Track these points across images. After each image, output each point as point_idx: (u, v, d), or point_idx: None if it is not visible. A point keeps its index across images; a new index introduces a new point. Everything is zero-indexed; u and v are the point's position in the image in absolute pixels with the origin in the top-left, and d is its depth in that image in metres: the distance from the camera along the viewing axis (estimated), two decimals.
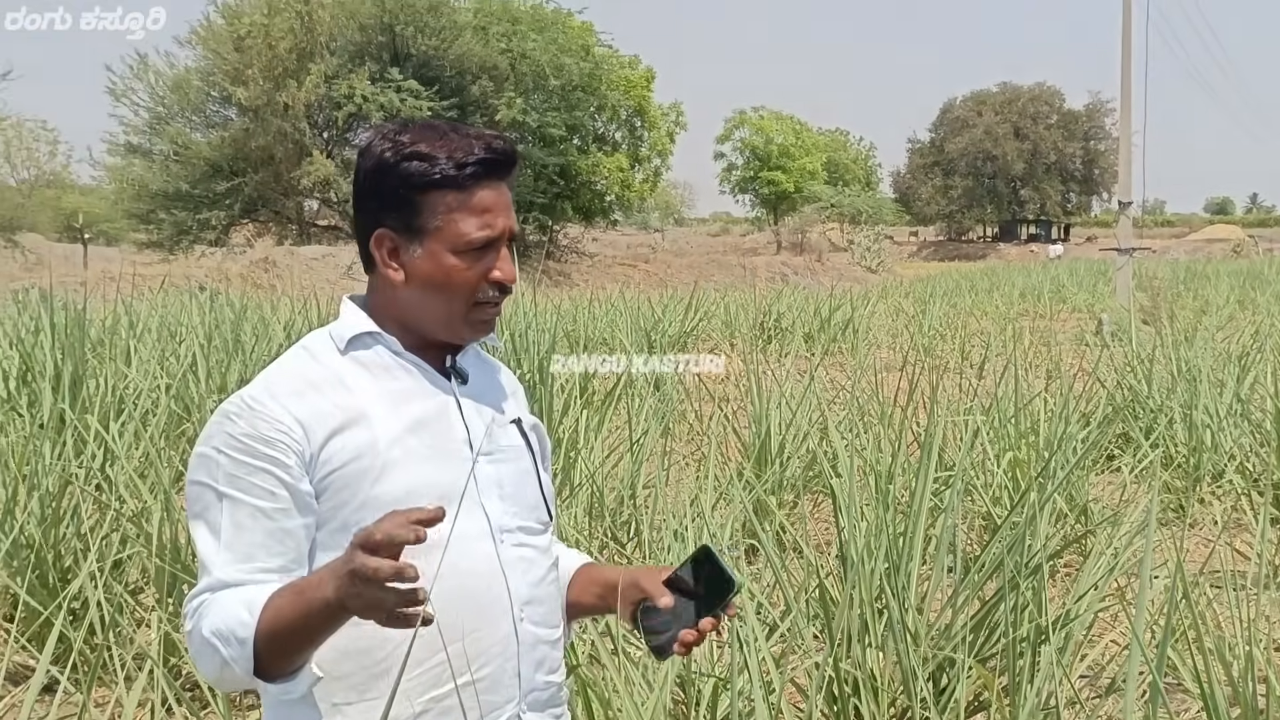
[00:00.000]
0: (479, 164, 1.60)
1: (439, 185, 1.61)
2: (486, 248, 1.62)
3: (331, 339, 1.68)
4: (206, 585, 1.52)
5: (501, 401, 1.78)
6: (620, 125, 46.12)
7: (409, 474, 1.59)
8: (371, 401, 1.62)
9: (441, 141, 1.61)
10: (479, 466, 1.66)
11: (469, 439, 1.68)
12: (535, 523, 1.74)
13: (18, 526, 3.75)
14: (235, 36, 32.98)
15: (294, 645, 1.46)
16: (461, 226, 1.61)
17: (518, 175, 1.72)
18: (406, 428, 1.62)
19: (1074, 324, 17.55)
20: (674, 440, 7.03)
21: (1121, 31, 21.05)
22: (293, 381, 1.61)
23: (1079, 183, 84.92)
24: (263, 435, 1.54)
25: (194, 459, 1.59)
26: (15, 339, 7.31)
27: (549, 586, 1.74)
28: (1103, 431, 6.42)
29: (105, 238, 50.01)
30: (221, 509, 1.54)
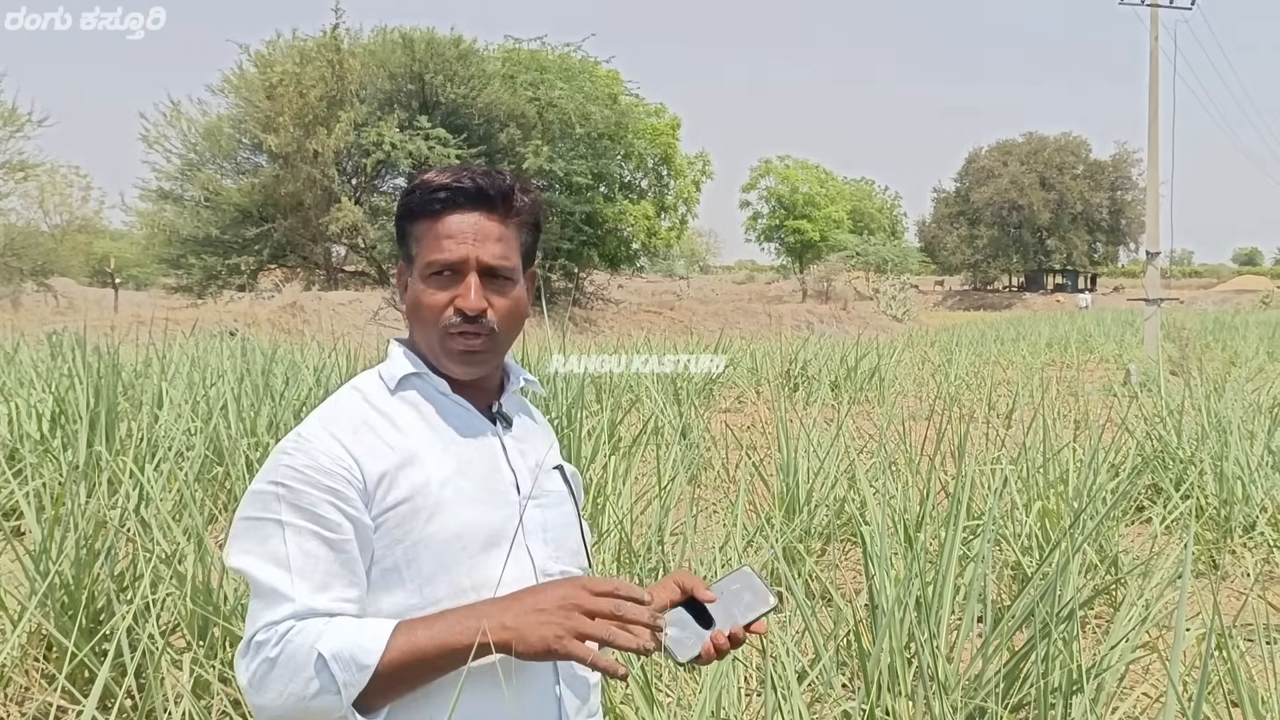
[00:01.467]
0: (448, 191, 1.65)
1: (416, 214, 1.68)
2: (451, 274, 1.65)
3: (382, 380, 1.72)
4: (291, 613, 1.50)
5: (544, 447, 1.81)
6: (647, 173, 46.36)
7: (460, 515, 1.61)
8: (423, 442, 1.65)
9: (440, 176, 1.67)
10: (525, 511, 1.69)
11: (516, 483, 1.71)
12: (575, 568, 1.76)
13: (53, 568, 3.78)
14: (267, 84, 33.41)
15: (418, 678, 1.49)
16: (426, 252, 1.66)
17: (527, 213, 1.73)
18: (457, 469, 1.65)
19: (1101, 374, 17.47)
20: (701, 488, 7.03)
21: (1149, 82, 21.10)
22: (348, 420, 1.64)
23: (1105, 232, 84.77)
24: (322, 467, 1.56)
25: (249, 496, 1.60)
26: (49, 381, 7.39)
27: None
28: (1132, 482, 6.39)
29: (135, 282, 50.52)
30: (285, 539, 1.54)
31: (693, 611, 1.71)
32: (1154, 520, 6.04)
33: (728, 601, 1.70)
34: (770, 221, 77.48)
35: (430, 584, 1.58)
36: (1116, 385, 14.70)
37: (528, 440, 1.78)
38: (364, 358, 11.05)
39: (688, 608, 1.73)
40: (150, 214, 36.19)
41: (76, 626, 3.81)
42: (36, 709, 3.60)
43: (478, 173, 1.67)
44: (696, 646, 1.69)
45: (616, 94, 42.25)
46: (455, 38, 36.52)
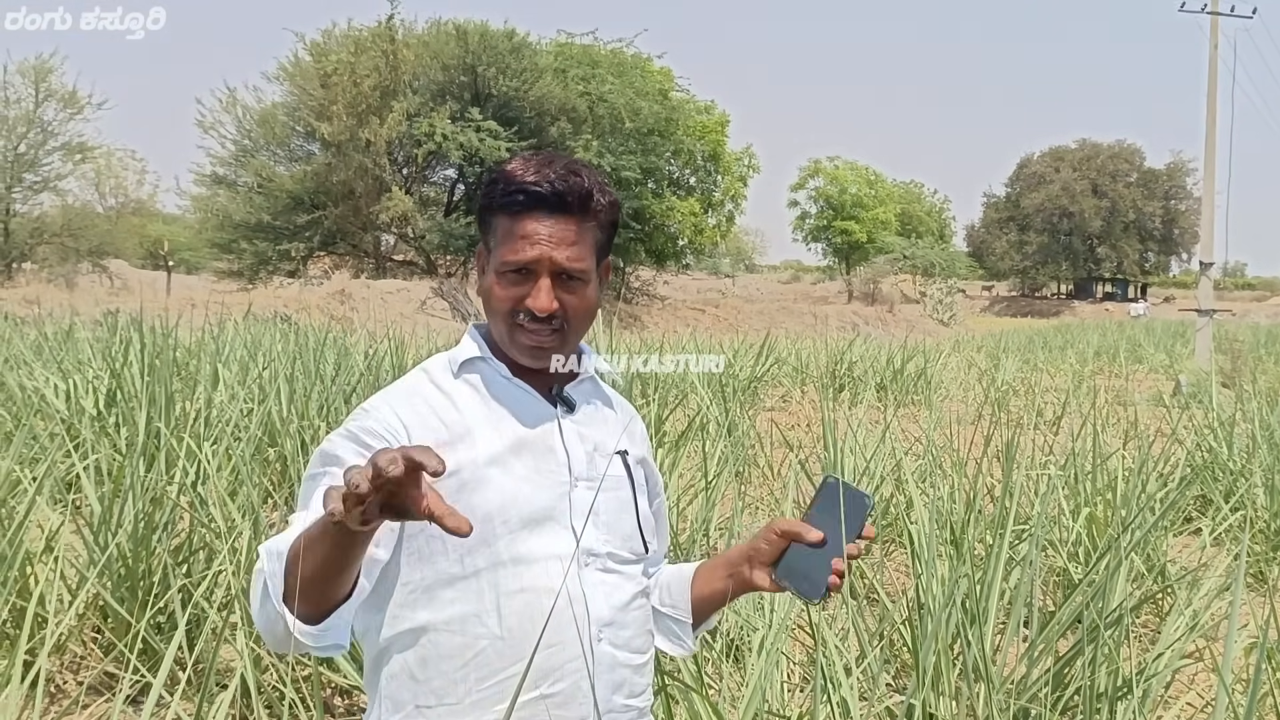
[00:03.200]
0: (525, 195, 1.67)
1: (498, 209, 1.72)
2: (524, 273, 1.68)
3: (448, 363, 1.77)
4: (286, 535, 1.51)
5: (608, 433, 1.83)
6: (695, 170, 46.36)
7: (503, 490, 1.65)
8: (477, 421, 1.70)
9: (523, 169, 1.70)
10: (576, 492, 1.72)
11: (569, 463, 1.74)
12: (627, 552, 1.78)
13: (113, 540, 3.86)
14: (322, 73, 33.70)
15: (311, 561, 1.40)
16: (503, 249, 1.70)
17: (604, 215, 1.76)
18: (508, 447, 1.69)
19: (1150, 384, 17.30)
20: (746, 484, 7.04)
21: (1207, 91, 20.86)
22: (407, 395, 1.71)
23: (1157, 242, 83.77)
24: (370, 429, 1.63)
25: (310, 460, 1.68)
26: (106, 360, 7.52)
27: (634, 612, 1.77)
28: (1182, 492, 6.33)
29: (187, 265, 51.17)
30: (315, 487, 1.58)
31: (800, 558, 1.74)
32: (1203, 531, 5.99)
33: (831, 525, 1.72)
34: (818, 222, 77.19)
35: (470, 555, 1.63)
36: (1166, 396, 14.56)
37: (591, 424, 1.81)
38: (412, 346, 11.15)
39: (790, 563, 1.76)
40: (204, 199, 36.65)
41: (135, 598, 3.90)
42: (94, 678, 3.68)
43: (558, 174, 1.69)
44: (822, 583, 1.72)
45: (667, 90, 42.28)
46: (508, 31, 36.68)
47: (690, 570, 1.92)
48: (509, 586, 1.63)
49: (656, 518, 1.92)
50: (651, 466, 1.92)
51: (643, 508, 1.83)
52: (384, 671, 1.66)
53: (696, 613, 1.90)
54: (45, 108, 33.87)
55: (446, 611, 1.62)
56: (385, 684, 1.66)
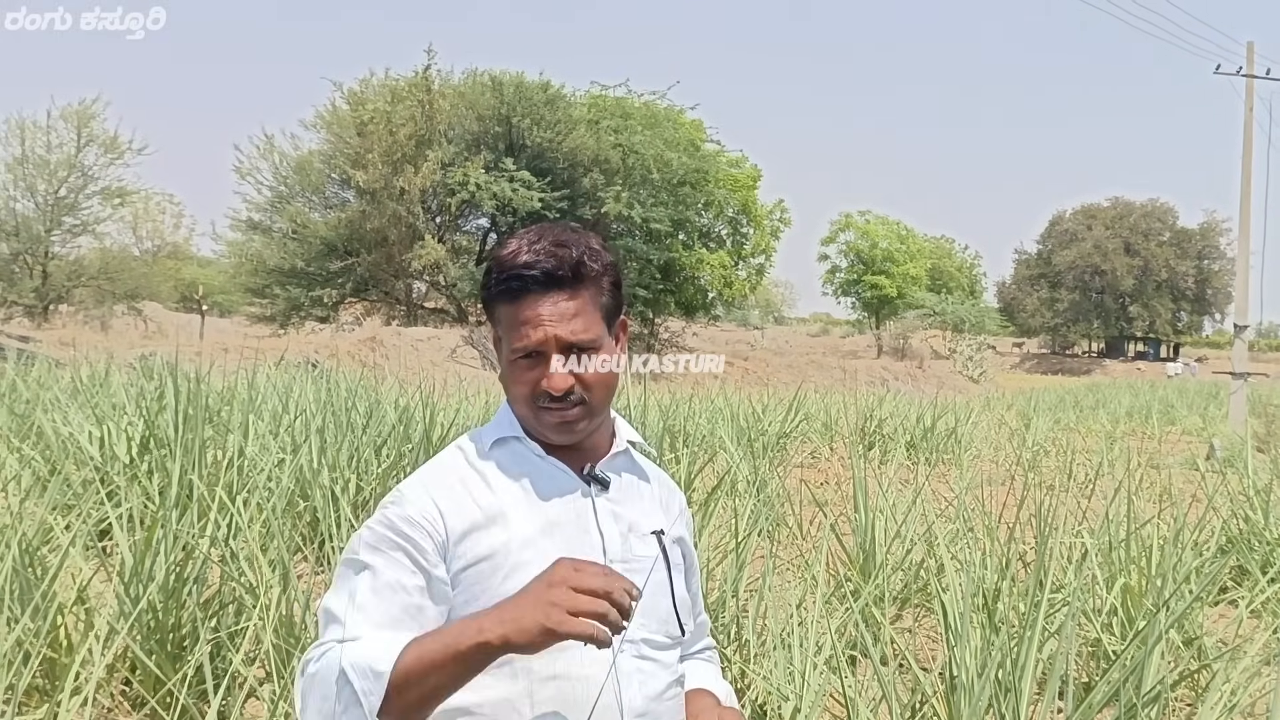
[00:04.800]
0: (516, 279, 1.69)
1: (496, 299, 1.74)
2: (535, 356, 1.70)
3: (482, 440, 1.77)
4: (335, 636, 1.57)
5: (645, 513, 1.82)
6: (725, 222, 46.51)
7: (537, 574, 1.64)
8: (511, 502, 1.69)
9: (514, 252, 1.72)
10: None
11: (603, 545, 1.72)
12: (663, 636, 1.76)
13: (144, 592, 3.86)
14: (358, 122, 34.12)
15: (433, 685, 1.50)
16: (509, 335, 1.72)
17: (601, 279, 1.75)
18: (540, 530, 1.68)
19: (1183, 447, 17.11)
20: (776, 544, 6.99)
21: (1242, 152, 20.81)
22: (444, 476, 1.71)
23: (1190, 302, 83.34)
24: (407, 517, 1.65)
25: (351, 539, 1.70)
26: (139, 406, 7.56)
27: (668, 702, 1.75)
28: (1219, 562, 6.24)
29: (219, 309, 51.65)
30: (360, 579, 1.62)
31: None
32: (1240, 603, 5.90)
33: None
34: (848, 276, 77.15)
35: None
36: (1200, 460, 14.40)
37: (626, 503, 1.79)
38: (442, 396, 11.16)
39: None
40: (239, 243, 37.06)
41: (163, 650, 3.89)
42: None
43: (546, 251, 1.69)
44: None
45: (698, 142, 42.51)
46: (543, 83, 37.05)
47: (688, 687, 1.88)
48: (542, 673, 1.62)
49: (693, 598, 1.90)
50: (689, 545, 1.91)
51: (679, 589, 1.81)
52: None
53: None
54: (86, 153, 34.36)
55: (482, 694, 1.62)
56: None
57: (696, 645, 1.95)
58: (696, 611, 1.92)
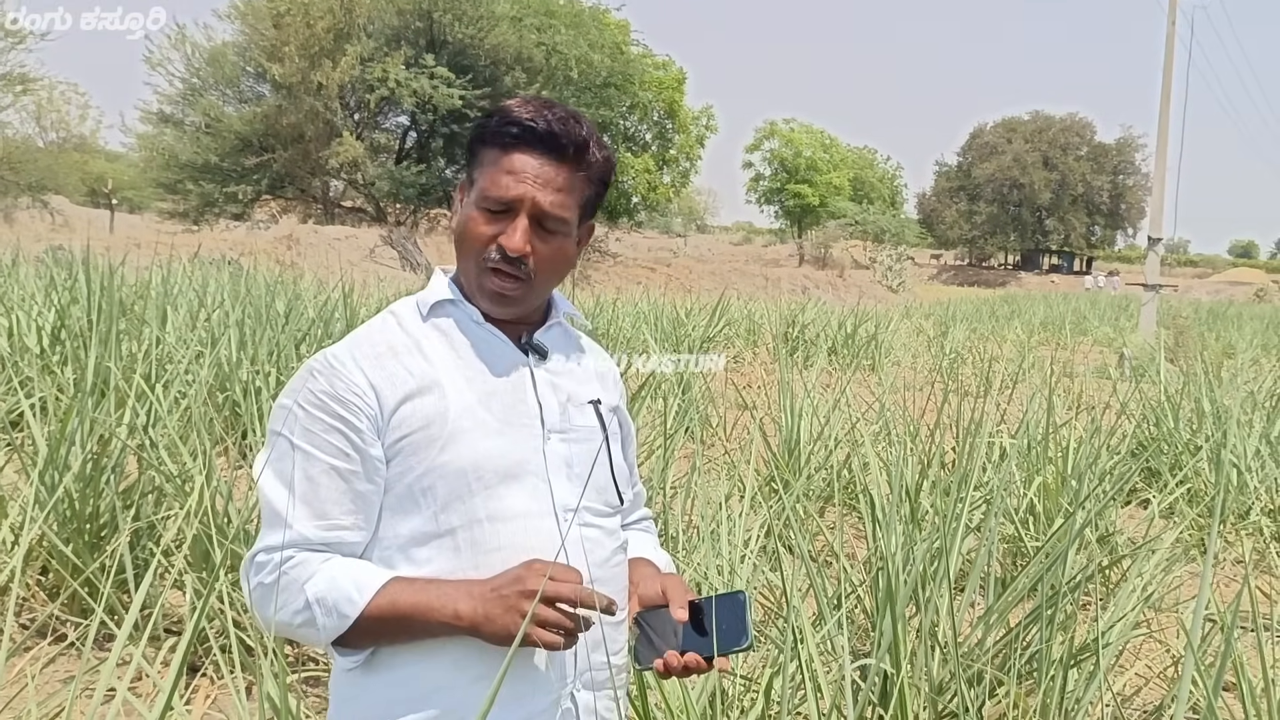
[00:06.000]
0: (520, 128, 1.62)
1: (486, 141, 1.66)
2: (505, 211, 1.63)
3: (417, 306, 1.71)
4: (289, 540, 1.56)
5: (581, 382, 1.78)
6: (650, 126, 46.14)
7: (476, 445, 1.61)
8: (447, 370, 1.64)
9: (520, 107, 1.65)
10: (549, 444, 1.68)
11: (541, 415, 1.69)
12: (603, 504, 1.74)
13: (60, 483, 3.77)
14: (275, 13, 33.06)
15: (395, 636, 1.57)
16: (485, 182, 1.64)
17: (597, 169, 1.70)
18: (478, 399, 1.64)
19: (1096, 356, 17.51)
20: (702, 444, 7.04)
21: (1163, 67, 21.02)
22: (374, 346, 1.65)
23: (1104, 216, 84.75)
24: (338, 395, 1.59)
25: (275, 408, 1.66)
26: (50, 297, 7.34)
27: (613, 569, 1.74)
28: (1130, 464, 6.41)
29: (129, 204, 50.26)
30: (294, 461, 1.59)
31: (673, 621, 1.71)
32: (1152, 503, 6.07)
33: (705, 624, 1.69)
34: (771, 184, 77.14)
35: (445, 512, 1.60)
36: (1111, 368, 14.74)
37: (563, 374, 1.76)
38: (362, 295, 11.02)
39: (655, 616, 1.73)
40: (149, 137, 35.89)
41: (81, 540, 3.81)
42: (38, 624, 3.59)
43: (556, 117, 1.63)
44: (652, 658, 1.70)
45: (623, 44, 41.94)
46: None
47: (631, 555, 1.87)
48: (487, 544, 1.60)
49: (630, 468, 1.89)
50: (625, 414, 1.88)
51: (616, 459, 1.79)
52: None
53: None
54: None
55: (423, 569, 1.59)
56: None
57: (633, 515, 1.94)
58: (633, 482, 1.90)
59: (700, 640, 1.67)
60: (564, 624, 1.48)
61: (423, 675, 1.58)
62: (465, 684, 1.57)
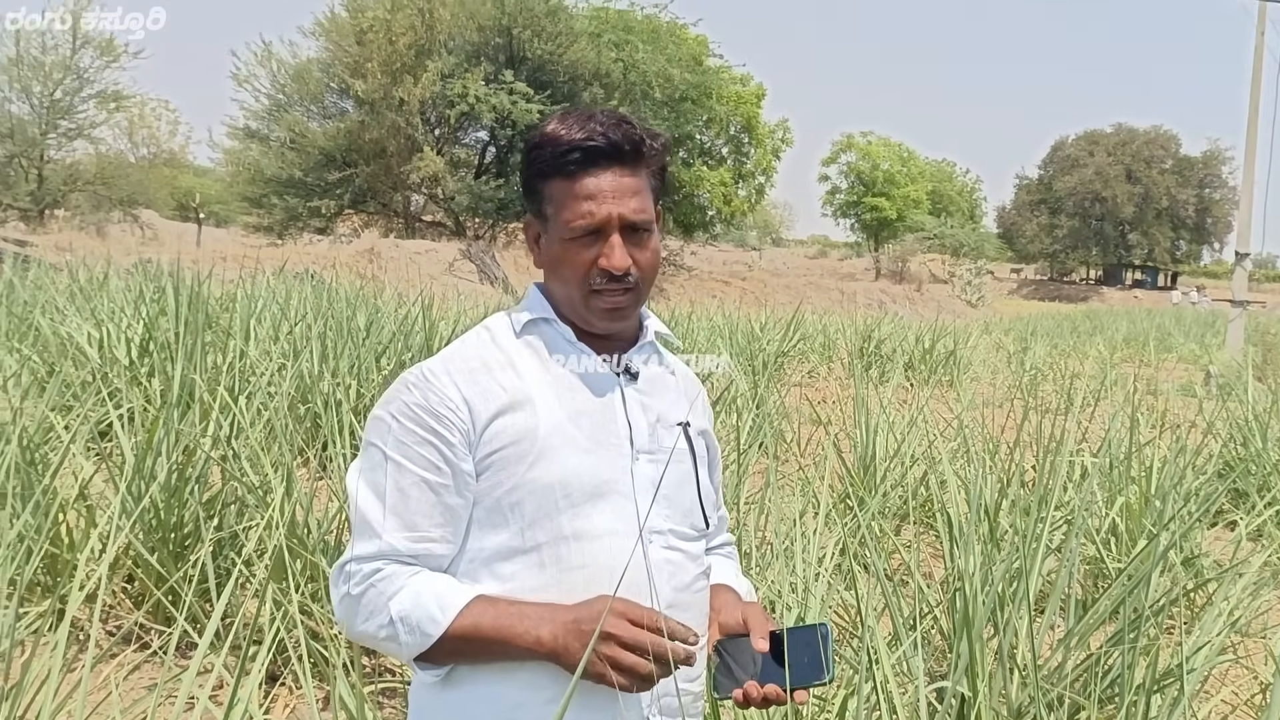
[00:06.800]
0: (580, 151, 1.62)
1: (549, 174, 1.66)
2: (594, 234, 1.63)
3: (510, 322, 1.73)
4: (376, 550, 1.58)
5: (671, 404, 1.78)
6: (727, 140, 46.07)
7: (565, 462, 1.62)
8: (538, 387, 1.66)
9: (565, 128, 1.64)
10: (637, 464, 1.68)
11: (630, 435, 1.69)
12: (688, 528, 1.74)
13: (146, 492, 3.85)
14: (358, 30, 33.61)
15: (476, 656, 1.57)
16: (565, 214, 1.64)
17: (657, 160, 1.71)
18: (568, 416, 1.65)
19: (1180, 374, 17.15)
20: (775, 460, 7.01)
21: (1252, 79, 20.56)
22: (468, 361, 1.66)
23: (1190, 230, 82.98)
24: (432, 409, 1.60)
25: (370, 419, 1.68)
26: (139, 309, 7.52)
27: (695, 594, 1.73)
28: (1217, 485, 6.26)
29: (216, 219, 51.30)
30: (386, 472, 1.61)
31: (753, 651, 1.69)
32: (1239, 524, 5.92)
33: (784, 656, 1.67)
34: (848, 197, 76.64)
35: (531, 528, 1.61)
36: (1197, 386, 14.43)
37: (653, 394, 1.76)
38: (441, 308, 11.13)
39: (737, 645, 1.72)
40: (236, 152, 36.66)
41: (166, 549, 3.89)
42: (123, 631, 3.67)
43: (607, 125, 1.64)
44: (730, 688, 1.68)
45: (701, 58, 41.94)
46: None
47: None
48: (571, 562, 1.60)
49: (715, 490, 1.88)
50: (712, 438, 1.88)
51: (703, 481, 1.79)
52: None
53: None
54: (82, 55, 33.85)
55: (507, 585, 1.60)
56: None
57: (716, 540, 1.93)
58: (716, 505, 1.89)
59: (780, 671, 1.66)
60: (639, 669, 1.49)
61: (502, 693, 1.59)
62: (541, 703, 1.57)
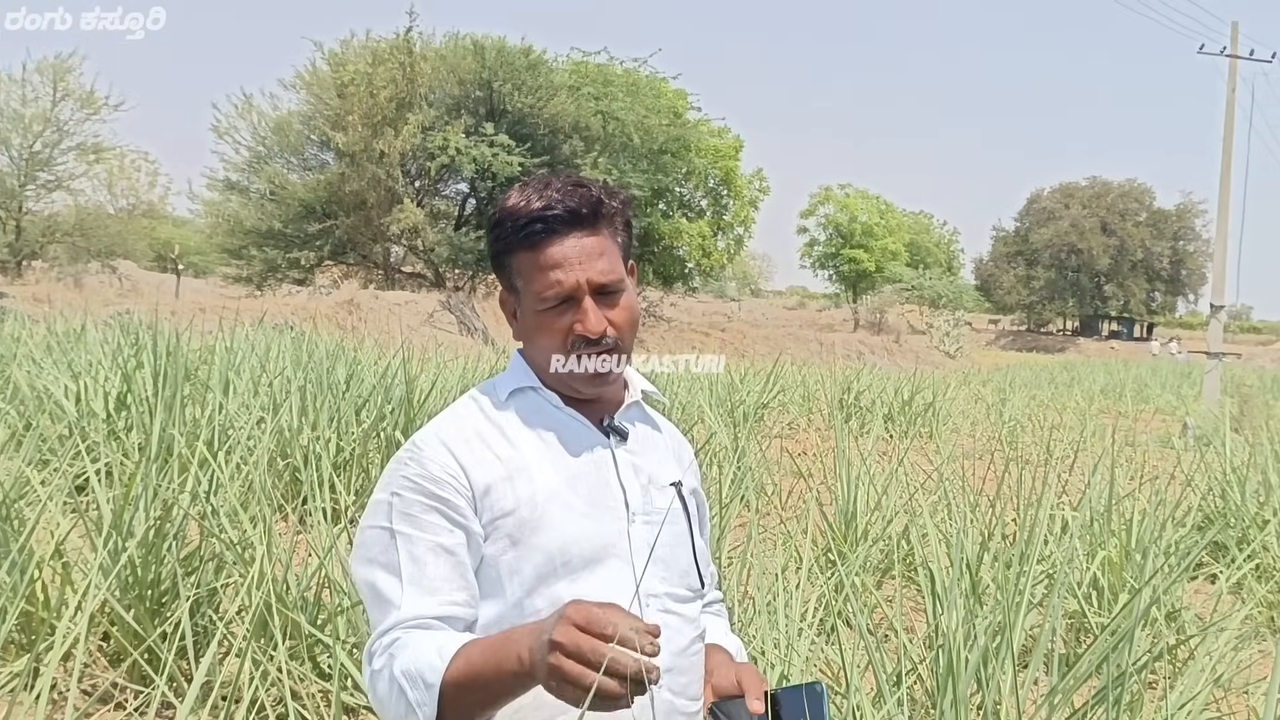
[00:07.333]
0: (540, 221, 1.62)
1: (514, 248, 1.66)
2: (566, 302, 1.64)
3: (496, 390, 1.73)
4: (395, 621, 1.53)
5: (661, 463, 1.78)
6: (706, 192, 46.38)
7: (565, 528, 1.61)
8: (532, 455, 1.65)
9: (523, 200, 1.65)
10: (633, 527, 1.68)
11: (625, 498, 1.69)
12: (684, 589, 1.73)
13: (123, 549, 3.81)
14: (338, 83, 33.76)
15: (479, 699, 1.45)
16: (535, 285, 1.65)
17: (618, 217, 1.71)
18: (565, 482, 1.65)
19: (1158, 425, 17.23)
20: (756, 512, 6.99)
21: (1224, 134, 20.86)
22: (461, 430, 1.66)
23: (1164, 282, 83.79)
24: (433, 476, 1.59)
25: (369, 506, 1.65)
26: (117, 362, 7.48)
27: (691, 658, 1.72)
28: (1197, 538, 6.28)
29: (195, 270, 51.24)
30: (397, 547, 1.57)
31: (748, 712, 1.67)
32: (1219, 577, 5.93)
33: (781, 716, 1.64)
34: (826, 249, 77.08)
35: (530, 596, 1.59)
36: (1174, 438, 14.50)
37: (643, 454, 1.76)
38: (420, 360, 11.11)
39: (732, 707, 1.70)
40: (215, 203, 36.67)
41: (142, 605, 3.84)
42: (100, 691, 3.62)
43: (564, 192, 1.65)
44: None
45: (680, 110, 42.29)
46: (525, 47, 36.73)
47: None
48: None
49: (705, 547, 1.88)
50: (701, 496, 1.88)
51: (698, 541, 1.79)
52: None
53: None
54: (62, 107, 33.94)
55: None
56: None
57: (706, 598, 1.93)
58: (706, 562, 1.89)
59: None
60: (582, 682, 1.26)
61: None
62: None
